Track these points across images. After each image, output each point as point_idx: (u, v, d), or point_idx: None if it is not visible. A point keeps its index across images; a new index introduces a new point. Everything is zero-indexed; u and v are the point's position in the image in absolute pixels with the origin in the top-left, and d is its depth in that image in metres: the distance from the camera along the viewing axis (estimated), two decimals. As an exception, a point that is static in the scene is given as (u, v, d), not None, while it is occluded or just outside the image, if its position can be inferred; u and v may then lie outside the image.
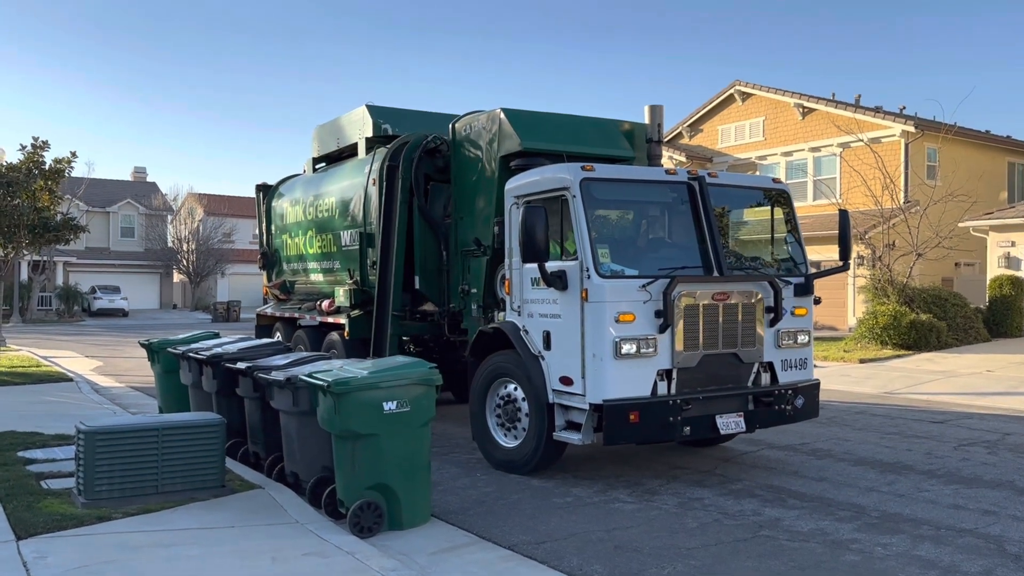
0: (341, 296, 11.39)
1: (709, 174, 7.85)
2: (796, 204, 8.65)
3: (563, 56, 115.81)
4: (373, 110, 11.70)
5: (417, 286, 10.16)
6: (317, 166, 13.33)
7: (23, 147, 18.32)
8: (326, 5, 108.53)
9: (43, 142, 18.34)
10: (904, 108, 29.03)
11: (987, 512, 6.59)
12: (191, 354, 8.53)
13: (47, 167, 18.37)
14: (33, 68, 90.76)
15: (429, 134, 10.26)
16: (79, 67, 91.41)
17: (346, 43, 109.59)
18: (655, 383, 7.06)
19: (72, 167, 19.16)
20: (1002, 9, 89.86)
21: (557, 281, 7.19)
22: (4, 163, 18.89)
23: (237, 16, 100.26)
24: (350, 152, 12.23)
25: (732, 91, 31.29)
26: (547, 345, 7.40)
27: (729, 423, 7.39)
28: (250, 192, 41.17)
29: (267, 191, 14.65)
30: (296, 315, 12.86)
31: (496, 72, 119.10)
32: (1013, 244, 22.85)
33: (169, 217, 55.77)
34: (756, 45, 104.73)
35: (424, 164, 10.12)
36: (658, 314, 7.02)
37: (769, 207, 8.30)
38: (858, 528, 6.16)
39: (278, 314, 13.58)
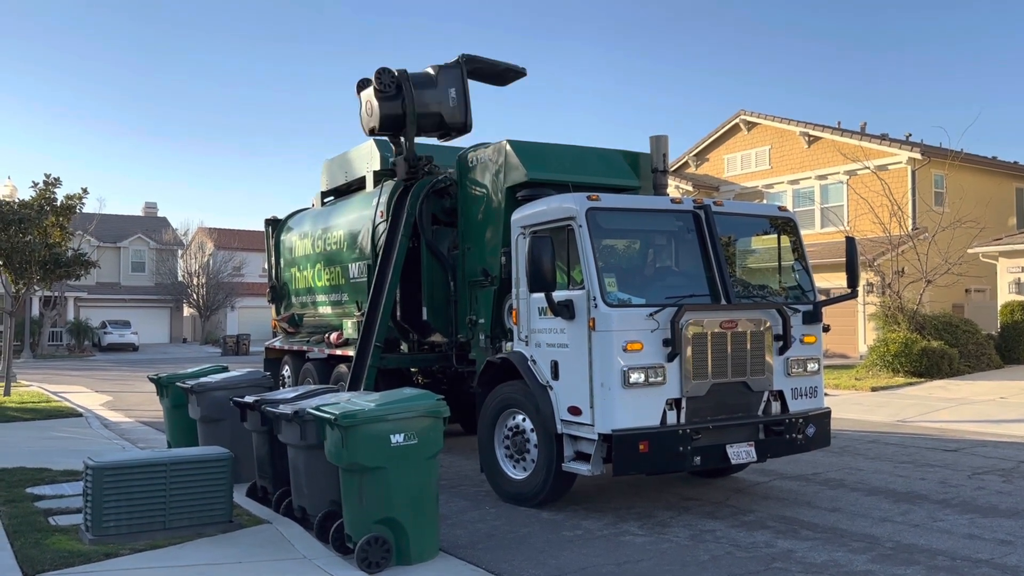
0: (349, 328, 11.40)
1: (715, 202, 7.87)
2: (804, 232, 8.65)
3: (568, 87, 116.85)
4: (381, 144, 11.80)
5: (425, 317, 10.16)
6: (325, 200, 13.41)
7: (35, 184, 18.52)
8: (336, 44, 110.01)
9: (55, 179, 18.51)
10: (910, 135, 29.11)
11: (1003, 542, 6.49)
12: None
13: (58, 203, 18.54)
14: (45, 106, 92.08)
15: (438, 174, 10.31)
16: (91, 104, 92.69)
17: (356, 75, 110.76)
18: (664, 412, 7.02)
19: (83, 203, 19.30)
20: (1009, 41, 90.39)
21: (564, 310, 7.19)
22: (16, 200, 19.07)
23: (247, 52, 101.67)
24: (358, 185, 12.32)
25: (737, 120, 31.46)
26: (555, 375, 7.37)
27: (740, 453, 7.32)
28: (260, 226, 41.42)
29: (276, 225, 14.74)
30: (305, 348, 12.87)
31: (500, 103, 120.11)
32: (1023, 270, 22.75)
33: (179, 251, 56.09)
34: (761, 75, 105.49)
35: (432, 203, 10.16)
36: (666, 343, 7.00)
37: (776, 235, 8.30)
38: (872, 559, 6.07)
39: (287, 347, 13.59)
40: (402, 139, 10.71)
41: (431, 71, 10.83)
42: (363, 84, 10.86)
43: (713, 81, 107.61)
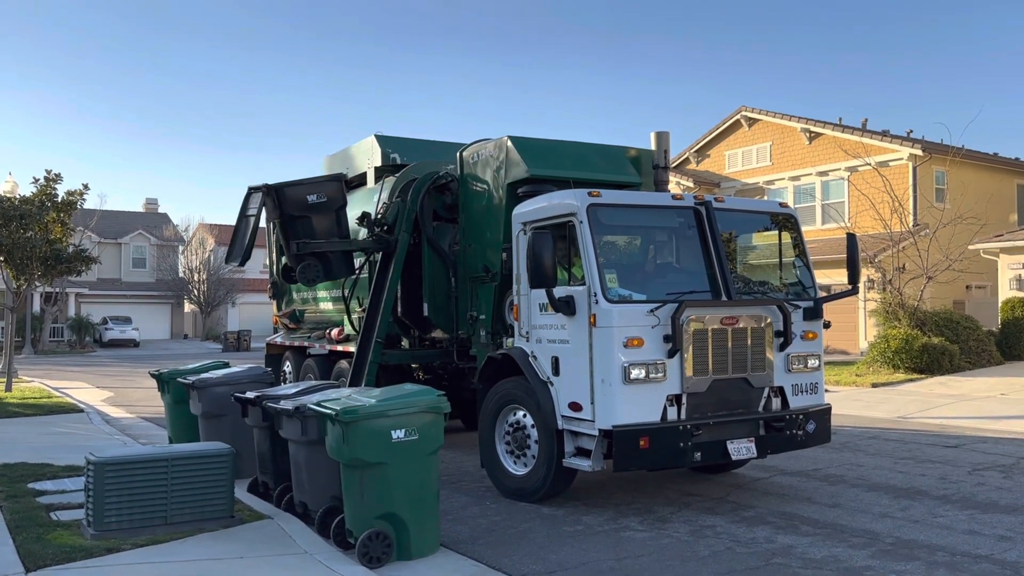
0: (350, 325, 11.39)
1: (715, 199, 7.86)
2: (805, 228, 8.65)
3: (569, 83, 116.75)
4: (382, 140, 11.79)
5: (426, 313, 10.16)
6: (326, 196, 13.36)
7: (36, 180, 18.53)
8: (334, 36, 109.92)
9: (56, 175, 18.53)
10: (911, 132, 29.10)
11: (1003, 538, 6.50)
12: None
13: (59, 199, 18.55)
14: (46, 104, 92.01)
15: (439, 169, 10.29)
16: (92, 101, 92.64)
17: (354, 72, 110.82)
18: (665, 408, 7.03)
19: (84, 199, 19.33)
20: (1010, 40, 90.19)
21: (565, 306, 7.19)
22: (17, 196, 19.09)
23: (246, 47, 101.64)
24: (359, 181, 12.31)
25: (739, 116, 31.41)
26: (556, 371, 7.38)
27: (740, 448, 7.33)
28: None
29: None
30: (306, 344, 12.87)
31: (502, 98, 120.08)
32: (1024, 266, 22.77)
33: (180, 247, 56.11)
34: (763, 72, 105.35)
35: (433, 199, 10.16)
36: (667, 339, 7.00)
37: (776, 231, 8.30)
38: (872, 555, 6.09)
39: (288, 343, 13.60)
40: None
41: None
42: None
43: (714, 77, 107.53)
